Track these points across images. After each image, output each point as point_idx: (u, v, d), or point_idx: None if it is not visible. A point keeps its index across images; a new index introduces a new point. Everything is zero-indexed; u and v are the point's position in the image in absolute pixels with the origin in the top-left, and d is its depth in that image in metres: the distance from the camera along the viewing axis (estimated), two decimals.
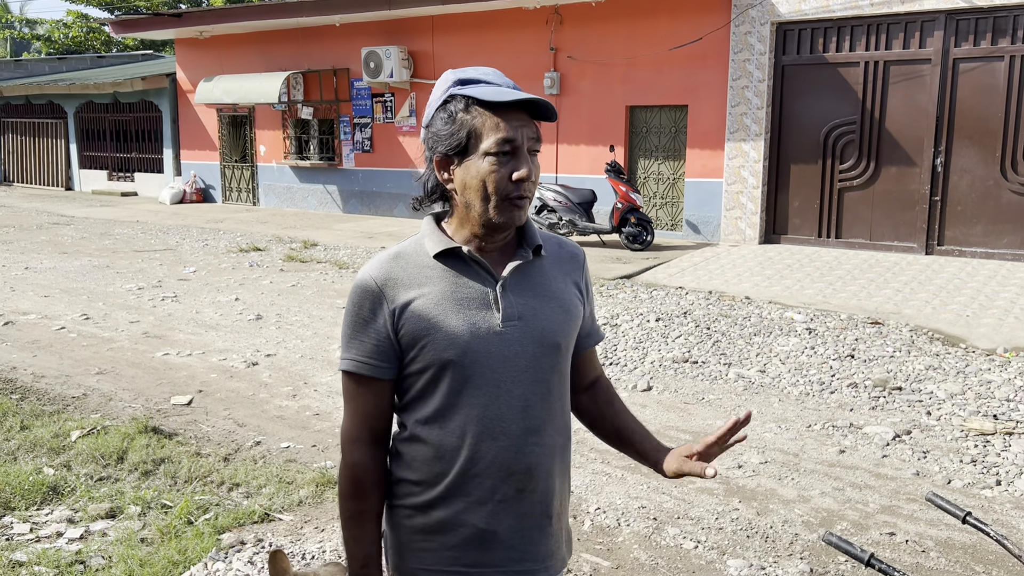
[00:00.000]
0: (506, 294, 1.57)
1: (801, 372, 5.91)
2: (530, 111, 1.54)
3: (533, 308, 1.59)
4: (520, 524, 1.59)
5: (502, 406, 1.55)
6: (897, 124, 10.31)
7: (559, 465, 1.65)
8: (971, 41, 9.73)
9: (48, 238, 12.76)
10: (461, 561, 1.58)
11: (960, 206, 10.07)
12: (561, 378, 1.64)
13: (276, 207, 16.75)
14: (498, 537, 1.58)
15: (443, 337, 1.52)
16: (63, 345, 6.80)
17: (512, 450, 1.56)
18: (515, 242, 1.64)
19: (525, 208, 1.55)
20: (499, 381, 1.55)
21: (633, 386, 5.69)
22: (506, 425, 1.55)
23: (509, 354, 1.55)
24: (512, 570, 1.60)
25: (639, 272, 9.73)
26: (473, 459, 1.55)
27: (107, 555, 3.43)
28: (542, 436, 1.59)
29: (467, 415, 1.54)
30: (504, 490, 1.57)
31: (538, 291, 1.61)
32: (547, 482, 1.62)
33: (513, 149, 1.51)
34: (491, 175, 1.51)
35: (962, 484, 4.19)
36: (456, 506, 1.57)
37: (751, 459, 4.50)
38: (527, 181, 1.52)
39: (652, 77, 11.88)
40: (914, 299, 8.12)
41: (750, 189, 11.20)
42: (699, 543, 3.63)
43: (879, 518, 3.84)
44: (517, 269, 1.59)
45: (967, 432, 4.80)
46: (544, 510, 1.62)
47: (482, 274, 1.57)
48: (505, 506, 1.57)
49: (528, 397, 1.57)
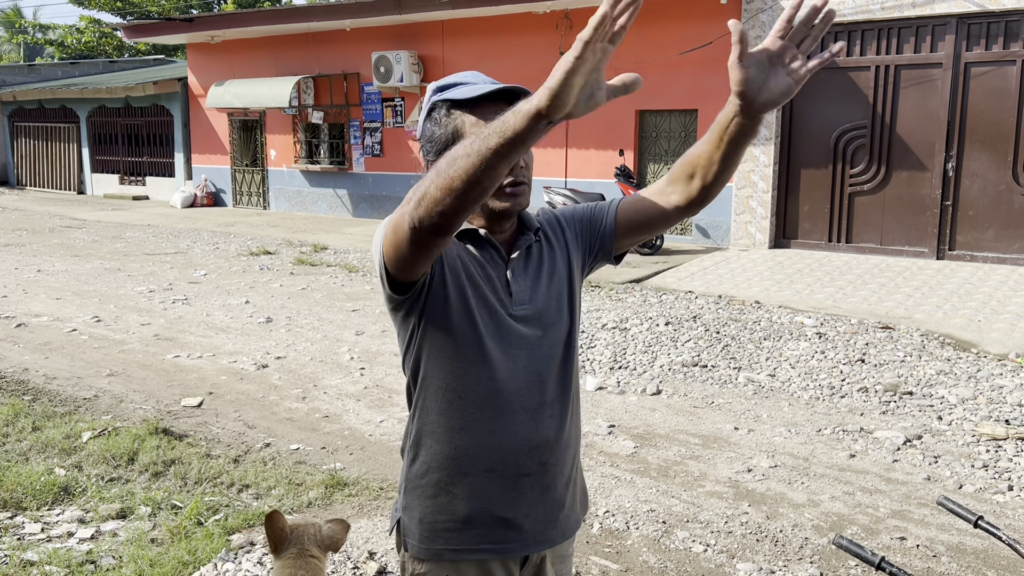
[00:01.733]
0: (515, 277, 1.64)
1: (811, 376, 5.88)
2: (510, 100, 1.56)
3: (539, 289, 1.66)
4: (542, 497, 1.64)
5: (519, 381, 1.60)
6: (908, 128, 10.28)
7: (575, 434, 1.72)
8: (983, 45, 9.69)
9: (60, 241, 12.84)
10: (487, 538, 1.60)
11: (971, 211, 10.02)
12: (571, 352, 1.69)
13: (286, 211, 16.81)
14: (522, 512, 1.62)
15: (462, 313, 1.56)
16: (75, 347, 6.83)
17: (531, 425, 1.61)
18: (516, 228, 1.70)
19: (524, 194, 1.61)
20: (516, 359, 1.60)
21: (642, 390, 5.68)
22: (524, 399, 1.60)
23: (524, 333, 1.61)
24: (536, 541, 1.65)
25: (648, 276, 9.71)
26: (493, 432, 1.58)
27: (117, 555, 3.44)
28: (556, 409, 1.65)
29: (487, 388, 1.58)
30: (527, 465, 1.61)
31: (542, 271, 1.68)
32: (564, 452, 1.67)
33: None
34: None
35: (974, 489, 4.16)
36: (479, 480, 1.59)
37: (761, 463, 4.48)
38: (518, 169, 1.56)
39: (662, 81, 11.88)
40: (925, 304, 8.08)
41: (760, 193, 11.17)
42: (708, 547, 3.62)
43: (890, 523, 3.82)
44: (522, 253, 1.67)
45: (979, 437, 4.77)
46: (564, 479, 1.68)
47: (494, 255, 1.64)
48: (528, 480, 1.62)
49: (541, 373, 1.62)
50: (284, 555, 2.11)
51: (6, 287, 9.24)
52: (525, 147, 1.20)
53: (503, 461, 1.59)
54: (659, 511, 3.95)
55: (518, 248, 1.65)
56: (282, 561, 2.11)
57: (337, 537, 2.19)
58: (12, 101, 22.24)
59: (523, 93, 1.55)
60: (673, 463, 4.51)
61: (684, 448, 4.71)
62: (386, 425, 5.09)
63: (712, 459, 4.55)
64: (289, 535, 2.14)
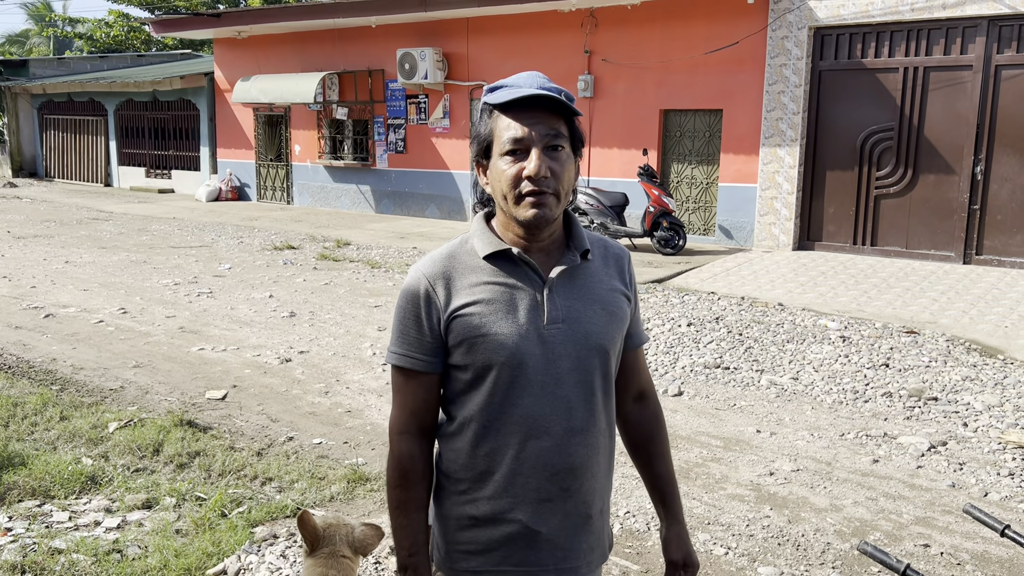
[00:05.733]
0: (552, 297, 1.59)
1: (835, 380, 5.84)
2: (550, 106, 1.55)
3: (577, 311, 1.60)
4: (564, 522, 1.62)
5: (546, 407, 1.58)
6: (936, 131, 10.17)
7: (603, 464, 1.68)
8: (1014, 48, 9.57)
9: (87, 233, 13.00)
10: (509, 560, 1.61)
11: (1000, 215, 9.90)
12: (605, 380, 1.66)
13: (310, 206, 16.90)
14: (543, 536, 1.61)
15: (491, 340, 1.55)
16: (101, 338, 6.92)
17: (556, 450, 1.59)
18: (563, 243, 1.66)
19: (547, 204, 1.54)
20: (544, 383, 1.57)
21: (664, 391, 5.66)
22: (550, 425, 1.58)
23: (554, 356, 1.58)
24: (557, 568, 1.63)
25: (671, 276, 9.68)
26: (518, 458, 1.58)
27: (143, 545, 3.49)
28: (585, 436, 1.61)
29: (512, 415, 1.57)
30: (549, 489, 1.59)
31: (583, 294, 1.62)
32: (590, 481, 1.64)
33: (524, 147, 1.53)
34: (504, 173, 1.55)
35: (999, 497, 4.12)
36: (502, 504, 1.60)
37: (783, 467, 4.46)
38: (538, 177, 1.52)
39: (687, 81, 11.83)
40: (951, 309, 8.00)
41: (784, 195, 11.10)
42: (730, 549, 3.61)
43: (913, 529, 3.79)
44: (564, 272, 1.61)
45: (1005, 445, 4.72)
46: (587, 509, 1.65)
47: (530, 275, 1.60)
48: (550, 505, 1.60)
49: (571, 399, 1.59)
50: (317, 554, 2.13)
51: (35, 278, 9.37)
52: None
53: (524, 486, 1.59)
54: None
55: (561, 266, 1.60)
56: (314, 560, 2.13)
57: (369, 541, 2.20)
58: (42, 94, 22.54)
59: (556, 100, 1.53)
60: (695, 465, 4.50)
61: (706, 450, 4.70)
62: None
63: (734, 462, 4.54)
64: (322, 534, 2.16)
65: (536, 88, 1.56)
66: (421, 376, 1.62)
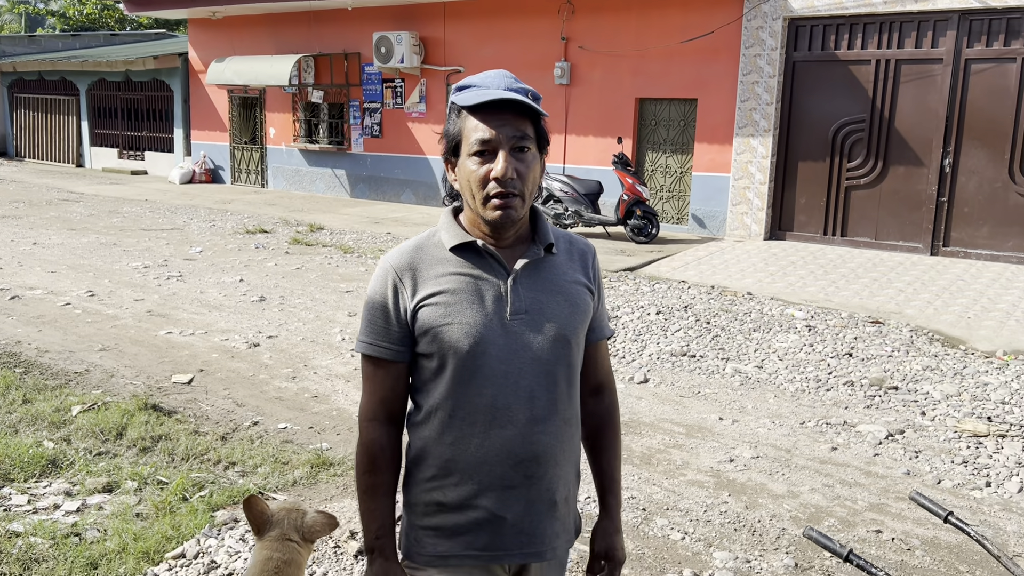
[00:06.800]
0: (516, 288, 1.64)
1: (798, 369, 5.93)
2: (517, 108, 1.58)
3: (541, 303, 1.65)
4: (529, 509, 1.67)
5: (509, 396, 1.62)
6: (906, 123, 10.28)
7: (566, 453, 1.72)
8: (984, 42, 9.68)
9: (57, 214, 12.84)
10: (474, 545, 1.65)
11: (967, 207, 10.04)
12: (569, 370, 1.70)
13: (284, 189, 16.79)
14: (508, 522, 1.65)
15: (455, 329, 1.60)
16: (68, 321, 6.86)
17: (519, 439, 1.63)
18: (528, 237, 1.70)
19: (512, 205, 1.58)
20: (507, 372, 1.62)
21: (630, 378, 5.72)
22: (514, 414, 1.63)
23: (517, 346, 1.62)
24: (522, 552, 1.68)
25: (643, 265, 9.74)
26: (483, 446, 1.62)
27: (102, 528, 3.48)
28: (548, 425, 1.65)
29: (476, 404, 1.62)
30: (513, 476, 1.64)
31: (547, 286, 1.67)
32: (554, 469, 1.68)
33: (492, 149, 1.57)
34: (473, 174, 1.59)
35: (952, 484, 4.21)
36: (467, 491, 1.64)
37: (743, 453, 4.53)
38: (505, 179, 1.56)
39: (662, 70, 11.86)
40: (916, 299, 8.12)
41: (757, 185, 11.18)
42: (686, 534, 3.66)
43: (867, 515, 3.87)
44: (528, 264, 1.66)
45: (960, 433, 4.82)
46: (551, 496, 1.69)
47: (495, 267, 1.65)
48: (514, 492, 1.65)
49: (534, 388, 1.64)
50: (265, 537, 2.15)
51: (1, 259, 9.26)
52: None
53: (489, 473, 1.63)
54: (640, 498, 3.99)
55: (525, 259, 1.65)
56: (261, 543, 2.15)
57: (318, 528, 2.22)
58: (12, 72, 22.15)
59: (521, 103, 1.56)
60: (656, 451, 4.56)
61: (668, 437, 4.75)
62: None
63: (695, 448, 4.60)
64: (271, 518, 2.18)
65: (503, 89, 1.58)
66: (389, 365, 1.66)
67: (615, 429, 1.86)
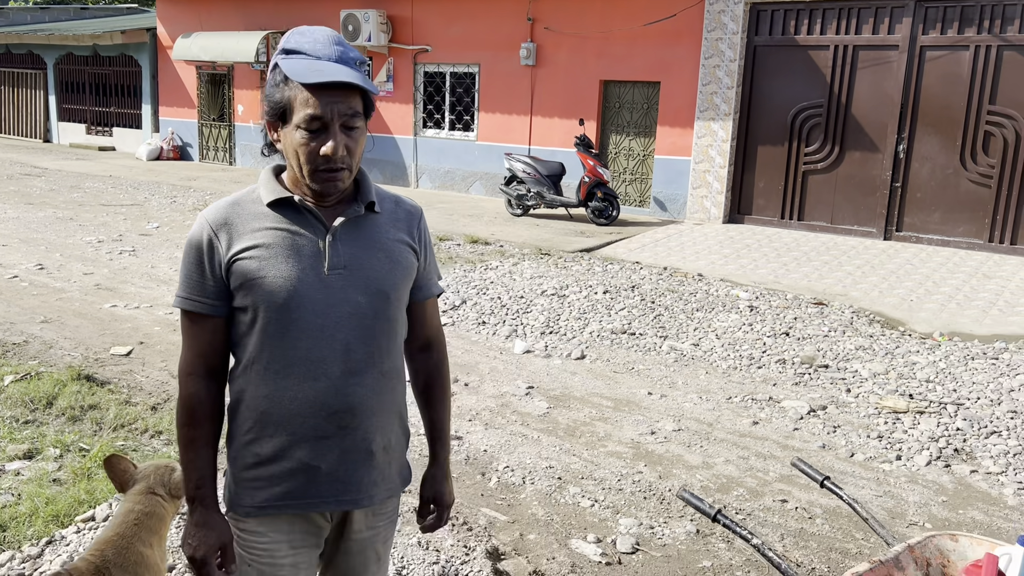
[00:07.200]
0: (335, 244, 1.66)
1: (734, 347, 6.03)
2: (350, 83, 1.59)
3: (360, 259, 1.68)
4: (343, 459, 1.71)
5: (324, 349, 1.65)
6: (863, 109, 10.39)
7: (386, 405, 1.75)
8: (938, 29, 9.78)
9: (17, 188, 12.72)
10: (291, 495, 1.70)
11: (920, 193, 10.18)
12: (389, 325, 1.74)
13: (252, 167, 16.70)
14: (322, 471, 1.70)
15: (270, 282, 1.63)
16: (13, 293, 6.84)
17: (333, 391, 1.67)
18: (352, 196, 1.73)
19: (342, 179, 1.63)
20: (322, 326, 1.65)
21: (568, 354, 5.80)
22: (327, 367, 1.66)
23: (334, 301, 1.66)
24: (337, 500, 1.73)
25: (600, 246, 9.81)
26: (296, 399, 1.66)
27: (16, 493, 3.52)
28: (364, 378, 1.69)
29: (290, 357, 1.65)
30: (326, 428, 1.68)
31: (367, 243, 1.70)
32: (370, 420, 1.72)
33: (323, 125, 1.58)
34: (301, 147, 1.60)
35: (864, 458, 4.33)
36: (283, 442, 1.68)
37: (666, 426, 4.62)
38: (337, 157, 1.59)
39: (626, 52, 11.89)
40: (863, 282, 8.25)
41: (717, 168, 11.27)
42: (596, 502, 3.75)
43: (776, 486, 3.97)
44: (349, 222, 1.69)
45: (880, 410, 4.94)
46: (367, 446, 1.73)
47: (314, 223, 1.67)
48: (328, 443, 1.69)
49: (350, 341, 1.67)
50: (129, 491, 2.20)
51: None
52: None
53: (303, 425, 1.67)
54: (557, 468, 4.08)
55: (344, 216, 1.68)
56: (125, 496, 2.20)
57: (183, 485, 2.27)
58: None
59: (355, 85, 1.58)
60: (582, 424, 4.64)
61: (596, 410, 4.84)
62: None
63: (620, 421, 4.69)
64: (134, 475, 2.23)
65: (334, 61, 1.60)
66: (206, 319, 1.69)
67: (444, 383, 1.92)
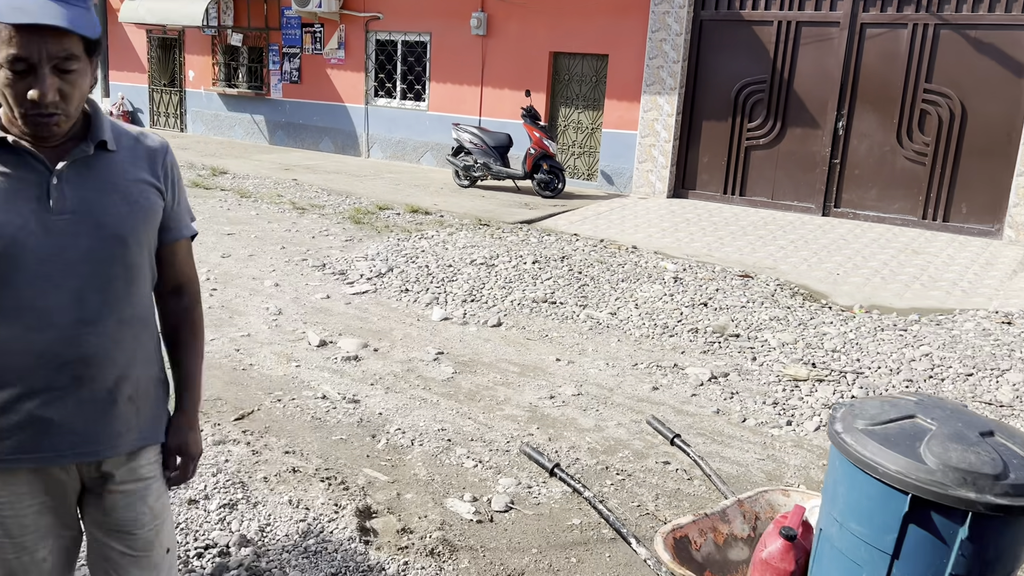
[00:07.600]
0: (61, 187, 1.57)
1: (651, 316, 6.09)
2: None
3: (91, 201, 1.60)
4: (79, 410, 1.64)
5: (50, 298, 1.57)
6: (804, 86, 10.47)
7: (128, 353, 1.69)
8: (879, 6, 9.86)
9: None
10: (24, 448, 1.62)
11: (858, 170, 10.31)
12: (129, 270, 1.67)
13: (203, 134, 16.48)
14: (55, 423, 1.62)
15: None
16: None
17: (63, 341, 1.59)
18: (82, 134, 1.64)
19: (56, 123, 1.54)
20: (49, 274, 1.56)
21: (485, 322, 5.83)
22: (55, 316, 1.58)
23: (61, 247, 1.57)
24: (74, 452, 1.66)
25: (541, 218, 9.83)
26: (24, 350, 1.57)
27: None
28: (99, 326, 1.62)
29: (12, 306, 1.56)
30: (58, 378, 1.60)
31: (100, 185, 1.62)
32: (111, 370, 1.65)
33: (29, 66, 1.47)
34: (7, 88, 1.50)
35: (755, 423, 4.41)
36: (11, 394, 1.59)
37: (566, 391, 4.68)
38: (47, 102, 1.49)
39: (576, 24, 11.85)
40: (794, 256, 8.37)
41: (662, 143, 11.32)
42: (480, 463, 3.80)
43: (661, 449, 4.04)
44: (79, 162, 1.60)
45: (781, 377, 5.03)
46: (108, 396, 1.67)
47: (35, 165, 1.57)
48: (61, 394, 1.61)
49: (83, 289, 1.60)
50: None
51: None
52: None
53: (32, 376, 1.58)
54: (449, 430, 4.11)
55: (70, 158, 1.59)
56: None
57: None
58: None
59: (63, 27, 1.47)
60: (483, 388, 4.68)
61: (500, 375, 4.88)
62: (216, 344, 5.16)
63: (522, 386, 4.73)
64: None
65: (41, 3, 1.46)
66: None
67: (194, 329, 1.88)
